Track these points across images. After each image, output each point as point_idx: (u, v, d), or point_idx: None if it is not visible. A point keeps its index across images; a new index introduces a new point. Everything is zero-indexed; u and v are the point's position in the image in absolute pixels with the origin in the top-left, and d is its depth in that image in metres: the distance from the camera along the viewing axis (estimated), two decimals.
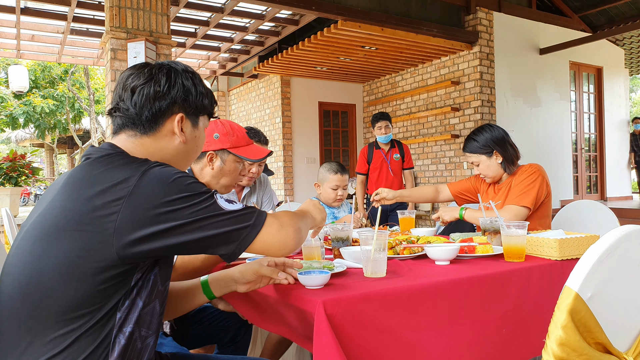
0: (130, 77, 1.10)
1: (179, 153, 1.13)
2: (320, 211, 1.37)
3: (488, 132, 2.29)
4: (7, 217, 2.39)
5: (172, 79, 1.10)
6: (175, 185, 0.95)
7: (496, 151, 2.26)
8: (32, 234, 0.96)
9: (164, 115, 1.10)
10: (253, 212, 1.04)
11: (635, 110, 21.58)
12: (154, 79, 1.09)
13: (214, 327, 1.79)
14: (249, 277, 1.27)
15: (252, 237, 1.02)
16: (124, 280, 0.94)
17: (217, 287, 1.31)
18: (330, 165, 2.65)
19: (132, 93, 1.08)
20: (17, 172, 5.12)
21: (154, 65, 1.13)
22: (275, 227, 1.05)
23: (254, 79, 8.65)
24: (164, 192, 0.93)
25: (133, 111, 1.08)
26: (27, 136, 16.96)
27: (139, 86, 1.08)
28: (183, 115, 1.11)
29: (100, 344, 0.93)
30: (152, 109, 1.08)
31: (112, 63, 4.17)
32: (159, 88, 1.08)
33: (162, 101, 1.09)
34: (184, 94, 1.11)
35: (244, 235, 1.01)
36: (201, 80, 1.18)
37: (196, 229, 0.95)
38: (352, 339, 1.10)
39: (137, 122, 1.09)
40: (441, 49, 6.47)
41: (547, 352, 0.90)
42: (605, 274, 0.91)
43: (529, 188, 2.16)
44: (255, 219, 1.03)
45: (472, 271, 1.38)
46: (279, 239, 1.05)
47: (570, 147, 7.44)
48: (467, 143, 2.33)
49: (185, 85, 1.12)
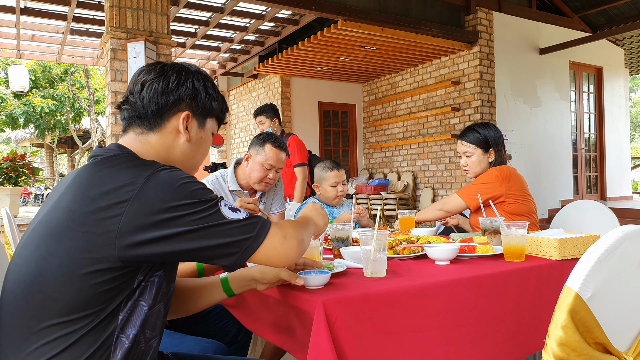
0: (142, 73, 1.12)
1: (184, 153, 1.13)
2: (323, 216, 1.36)
3: (492, 130, 2.32)
4: (7, 217, 2.39)
5: (183, 77, 1.11)
6: (181, 191, 0.94)
7: (493, 150, 2.29)
8: (37, 233, 0.97)
9: (170, 111, 1.10)
10: (256, 222, 1.02)
11: (635, 110, 21.58)
12: (164, 75, 1.10)
13: (214, 327, 1.79)
14: (270, 279, 1.26)
15: (254, 248, 1.00)
16: (127, 282, 0.94)
17: (237, 285, 1.30)
18: (325, 163, 2.67)
19: (142, 87, 1.09)
20: (17, 172, 5.11)
21: (168, 63, 1.14)
22: (278, 238, 1.03)
23: (254, 79, 8.65)
24: (168, 197, 0.93)
25: (140, 105, 1.09)
26: (27, 136, 16.96)
27: (149, 81, 1.09)
28: (189, 113, 1.12)
29: (102, 345, 0.93)
30: (158, 103, 1.09)
31: (112, 63, 4.17)
32: (167, 84, 1.09)
33: (170, 97, 1.09)
34: (192, 93, 1.12)
35: (246, 246, 0.99)
36: (214, 85, 1.18)
37: (197, 237, 0.94)
38: (351, 339, 1.10)
39: (144, 116, 1.09)
40: (441, 49, 6.46)
41: (547, 352, 0.90)
42: (605, 274, 0.91)
43: (471, 186, 2.26)
44: (258, 230, 1.01)
45: (472, 271, 1.38)
46: (281, 251, 1.03)
47: (570, 147, 7.44)
48: (468, 133, 2.34)
49: (195, 85, 1.12)
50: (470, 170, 2.35)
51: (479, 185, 2.21)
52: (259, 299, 1.39)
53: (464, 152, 2.35)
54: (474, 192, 2.18)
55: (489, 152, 2.30)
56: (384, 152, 8.23)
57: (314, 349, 1.05)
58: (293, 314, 1.22)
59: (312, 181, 4.19)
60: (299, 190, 4.04)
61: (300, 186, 4.05)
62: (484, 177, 2.25)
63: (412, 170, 7.62)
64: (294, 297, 1.20)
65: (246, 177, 2.38)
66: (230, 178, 2.39)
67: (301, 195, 4.04)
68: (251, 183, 2.37)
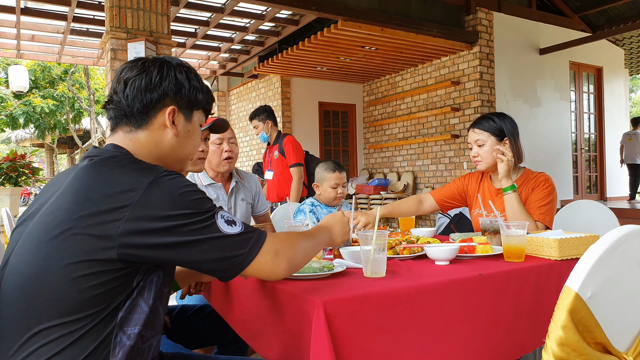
0: (124, 70, 1.11)
1: (173, 147, 1.12)
2: (344, 233, 1.32)
3: (508, 120, 2.19)
4: (7, 217, 2.39)
5: (165, 72, 1.10)
6: (181, 200, 0.95)
7: (507, 140, 2.15)
8: (36, 234, 0.96)
9: (155, 107, 1.09)
10: (250, 237, 1.02)
11: (635, 110, 21.58)
12: (146, 71, 1.09)
13: (214, 327, 1.79)
14: None
15: (245, 264, 1.01)
16: (126, 283, 0.95)
17: (182, 278, 1.34)
18: (327, 164, 2.67)
19: (125, 85, 1.08)
20: (17, 172, 5.12)
21: (149, 59, 1.13)
22: (269, 256, 1.03)
23: (254, 79, 8.65)
24: (168, 205, 0.93)
25: (125, 103, 1.08)
26: (27, 136, 16.96)
27: (131, 78, 1.08)
28: (175, 107, 1.11)
29: (101, 343, 0.94)
30: (143, 100, 1.08)
31: (112, 63, 4.17)
32: (150, 80, 1.08)
33: (153, 93, 1.08)
34: (176, 87, 1.10)
35: (238, 262, 1.00)
36: (197, 76, 1.17)
37: (192, 249, 0.96)
38: (351, 339, 1.10)
39: (129, 114, 1.08)
40: (441, 49, 6.47)
41: (547, 352, 0.90)
42: (605, 274, 0.91)
43: (549, 207, 2.09)
44: (251, 247, 1.01)
45: (472, 271, 1.38)
46: (270, 268, 1.04)
47: (570, 147, 7.44)
48: (482, 120, 2.20)
49: (178, 78, 1.11)
50: (482, 160, 2.18)
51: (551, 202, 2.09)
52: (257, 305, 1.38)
53: (476, 141, 2.19)
54: (552, 211, 2.08)
55: (504, 142, 2.15)
56: (384, 152, 8.23)
57: (314, 349, 1.05)
58: (292, 316, 1.22)
59: (309, 181, 4.19)
60: (295, 190, 4.05)
61: (297, 186, 4.06)
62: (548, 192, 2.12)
63: (412, 170, 7.63)
64: (294, 298, 1.20)
65: (211, 167, 2.37)
66: (202, 174, 2.39)
67: (297, 195, 4.04)
68: (217, 169, 2.35)
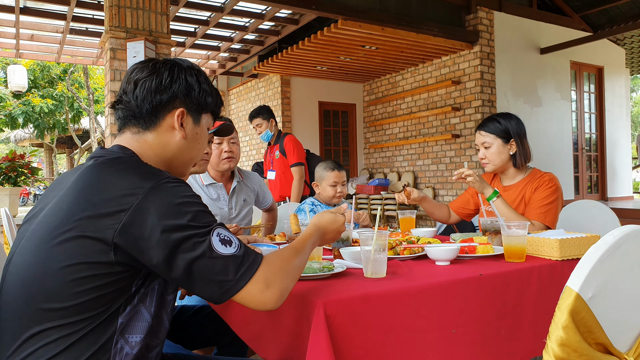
0: (135, 71, 1.11)
1: (180, 150, 1.12)
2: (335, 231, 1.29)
3: (514, 121, 2.19)
4: (7, 217, 2.39)
5: (175, 74, 1.10)
6: (178, 211, 0.92)
7: (514, 141, 2.16)
8: (38, 235, 0.96)
9: (165, 109, 1.09)
10: (243, 262, 0.96)
11: (636, 110, 21.57)
12: (157, 72, 1.09)
13: (213, 328, 1.78)
14: None
15: (233, 292, 0.94)
16: (125, 286, 0.95)
17: None
18: (327, 163, 2.68)
19: (135, 86, 1.08)
20: (16, 172, 5.12)
21: (160, 60, 1.13)
22: (259, 287, 0.96)
23: (254, 79, 8.64)
24: (165, 214, 0.91)
25: (134, 104, 1.08)
26: (26, 136, 16.96)
27: (142, 79, 1.08)
28: (184, 110, 1.10)
29: (101, 348, 0.94)
30: (152, 101, 1.07)
31: (112, 63, 4.17)
32: (160, 82, 1.08)
33: (163, 95, 1.08)
34: (186, 89, 1.10)
35: (226, 288, 0.94)
36: (207, 79, 1.17)
37: (182, 265, 0.92)
38: (351, 339, 1.10)
39: (138, 115, 1.08)
40: (442, 48, 6.46)
41: (548, 352, 0.90)
42: (606, 274, 0.91)
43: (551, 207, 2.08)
44: (242, 274, 0.95)
45: (472, 271, 1.37)
46: (259, 300, 0.96)
47: (571, 146, 7.43)
48: (488, 122, 2.21)
49: (188, 81, 1.11)
50: (489, 162, 2.19)
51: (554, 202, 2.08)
52: None
53: (483, 143, 2.20)
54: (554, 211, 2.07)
55: (510, 144, 2.16)
56: (384, 152, 8.23)
57: (313, 350, 1.04)
58: (291, 318, 1.21)
59: (311, 180, 4.19)
60: (296, 189, 4.05)
61: (298, 185, 4.06)
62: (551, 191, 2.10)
63: (412, 170, 7.62)
64: (294, 298, 1.19)
65: (212, 167, 2.38)
66: (203, 174, 2.39)
67: (298, 194, 4.04)
68: (217, 168, 2.36)
